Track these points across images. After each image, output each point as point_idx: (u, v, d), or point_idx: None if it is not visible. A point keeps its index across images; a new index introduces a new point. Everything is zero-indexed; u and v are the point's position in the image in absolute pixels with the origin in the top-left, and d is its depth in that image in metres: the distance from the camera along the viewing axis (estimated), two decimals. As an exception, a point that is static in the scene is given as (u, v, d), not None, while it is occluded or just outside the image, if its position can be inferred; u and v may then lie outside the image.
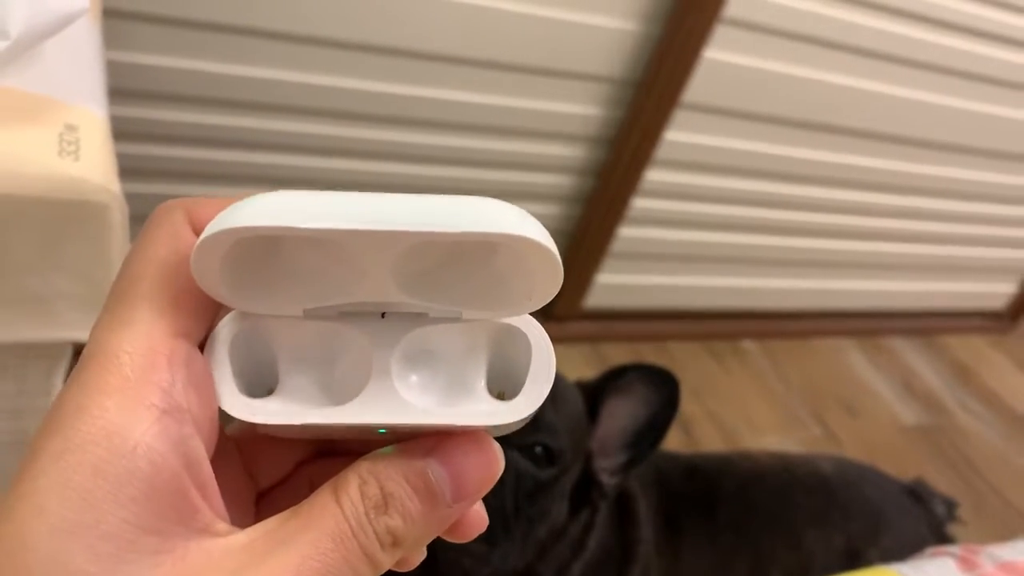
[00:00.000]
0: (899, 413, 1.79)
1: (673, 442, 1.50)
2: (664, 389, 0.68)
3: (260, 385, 0.28)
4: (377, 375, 0.27)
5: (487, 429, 0.28)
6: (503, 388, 0.29)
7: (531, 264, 0.26)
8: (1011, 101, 1.74)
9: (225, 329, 0.28)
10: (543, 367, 0.28)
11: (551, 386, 0.27)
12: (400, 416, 0.27)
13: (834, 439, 1.64)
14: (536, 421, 0.61)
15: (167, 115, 1.11)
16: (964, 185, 1.88)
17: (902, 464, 1.65)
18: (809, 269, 1.86)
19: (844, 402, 1.76)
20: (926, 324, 2.12)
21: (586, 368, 1.59)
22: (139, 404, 0.24)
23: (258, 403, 0.27)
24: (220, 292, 0.26)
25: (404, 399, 0.27)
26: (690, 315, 1.77)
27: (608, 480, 0.68)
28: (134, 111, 1.09)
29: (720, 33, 1.35)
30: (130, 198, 0.51)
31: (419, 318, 0.28)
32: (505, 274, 0.27)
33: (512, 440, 0.59)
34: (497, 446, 0.27)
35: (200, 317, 0.26)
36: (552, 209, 1.50)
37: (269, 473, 0.31)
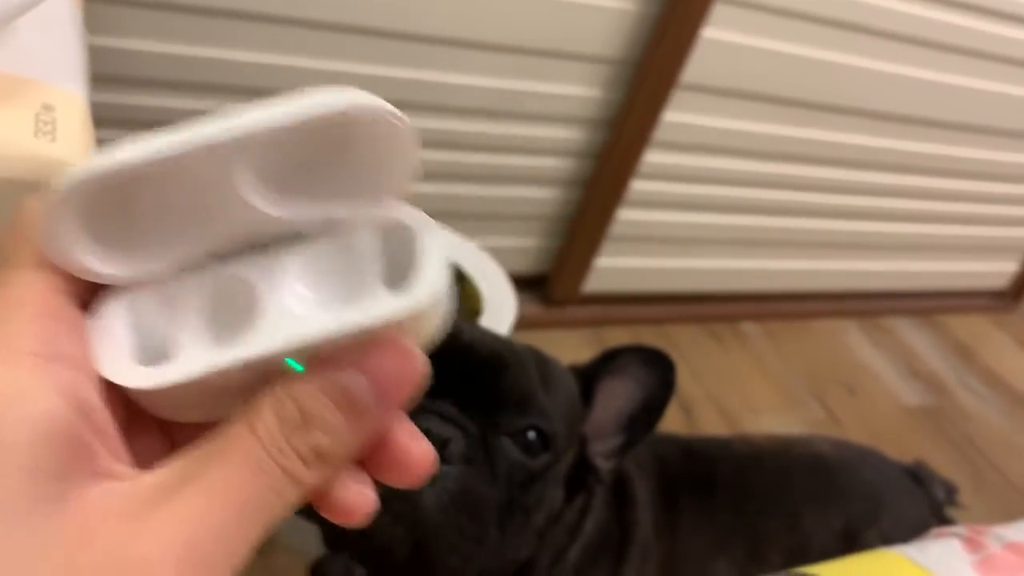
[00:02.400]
0: (900, 393, 1.77)
1: (673, 424, 1.49)
2: (659, 370, 0.66)
3: (156, 358, 0.26)
4: (267, 304, 0.26)
5: (403, 333, 0.26)
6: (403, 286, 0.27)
7: (384, 141, 0.25)
8: (1013, 78, 1.72)
9: (106, 299, 0.26)
10: (433, 251, 0.26)
11: (446, 270, 0.26)
12: (300, 335, 0.25)
13: (835, 420, 1.63)
14: (528, 405, 0.59)
15: (151, 101, 1.09)
16: (965, 163, 1.85)
17: (903, 444, 1.63)
18: (809, 250, 1.84)
19: (845, 383, 1.74)
20: (927, 304, 2.09)
21: (586, 352, 1.56)
22: (21, 353, 0.23)
23: (142, 369, 0.25)
24: (79, 261, 0.25)
25: (300, 317, 0.25)
26: (690, 298, 1.75)
27: (604, 464, 0.66)
28: (116, 97, 1.07)
29: (719, 12, 1.32)
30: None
31: (298, 238, 0.27)
32: (365, 162, 0.26)
33: (502, 427, 0.58)
34: (415, 348, 0.25)
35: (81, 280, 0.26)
36: (551, 193, 1.48)
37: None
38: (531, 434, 0.58)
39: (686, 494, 0.78)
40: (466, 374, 0.58)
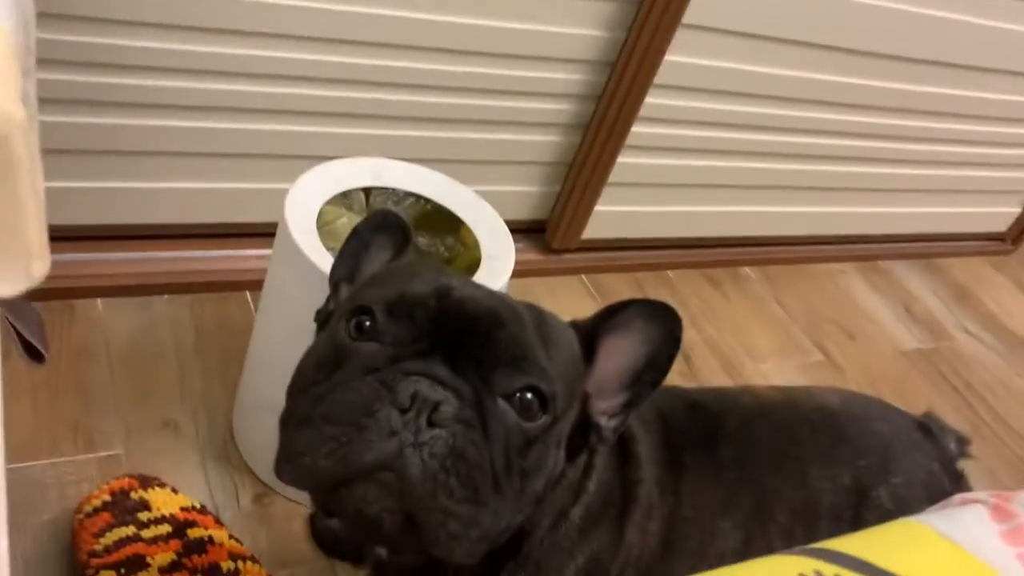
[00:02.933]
0: (899, 337, 1.75)
1: (672, 370, 1.46)
2: (665, 325, 0.62)
3: None
4: None
5: None
6: None
7: None
8: (1016, 16, 1.65)
9: None
10: None
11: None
12: None
13: (834, 364, 1.60)
14: (525, 364, 0.56)
15: (93, 38, 1.02)
16: (966, 105, 1.79)
17: (903, 389, 1.61)
18: (809, 194, 1.79)
19: (844, 327, 1.72)
20: (927, 248, 2.06)
21: (586, 299, 1.54)
22: None
23: None
24: None
25: None
26: (690, 243, 1.71)
27: (607, 423, 0.63)
28: (57, 34, 1.00)
29: (722, -53, 1.26)
30: (50, 128, 0.45)
31: None
32: None
33: (497, 387, 0.54)
34: None
35: None
36: (551, 137, 1.43)
37: None
38: (528, 395, 0.55)
39: (690, 450, 0.76)
40: (459, 333, 0.55)
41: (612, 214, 1.56)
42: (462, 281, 0.59)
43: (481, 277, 0.97)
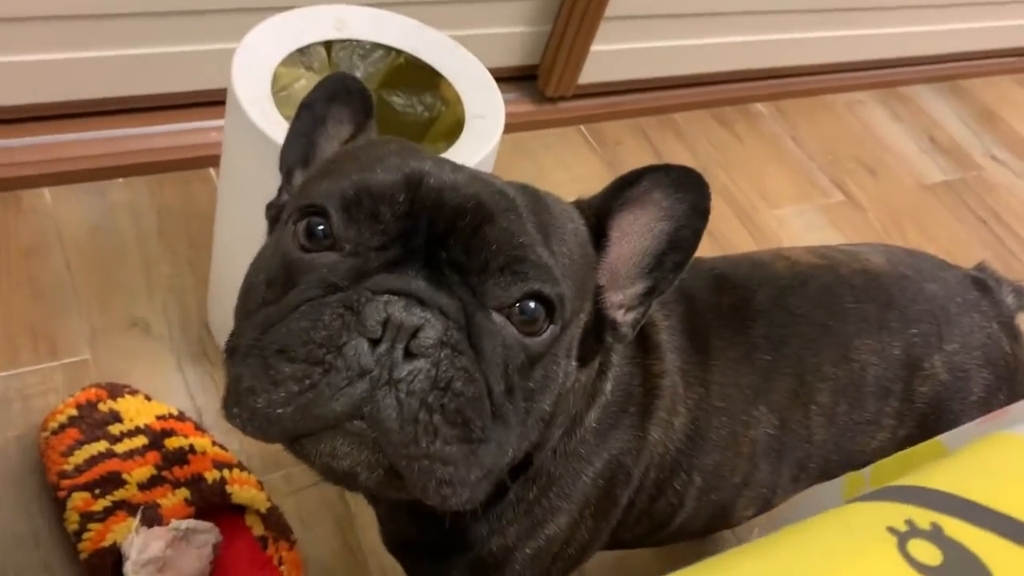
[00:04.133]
0: (923, 170, 1.61)
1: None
2: (689, 195, 0.49)
3: None
4: None
5: None
6: None
7: None
8: None
9: None
10: None
11: None
12: None
13: (855, 204, 1.48)
14: (523, 265, 0.43)
15: None
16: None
17: (928, 224, 1.49)
18: (821, 17, 1.60)
19: (864, 162, 1.57)
20: (949, 69, 1.88)
21: (586, 151, 1.39)
22: None
23: None
24: None
25: None
26: (696, 81, 1.55)
27: (624, 318, 0.52)
28: None
29: None
30: None
31: None
32: None
33: (491, 299, 0.43)
34: None
35: None
36: (536, -32, 1.24)
37: None
38: (531, 304, 0.43)
39: (718, 333, 0.64)
40: (439, 232, 0.42)
41: (611, 53, 1.39)
42: (437, 163, 0.46)
43: (467, 140, 0.84)
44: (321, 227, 0.43)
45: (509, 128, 1.34)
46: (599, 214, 0.51)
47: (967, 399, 0.68)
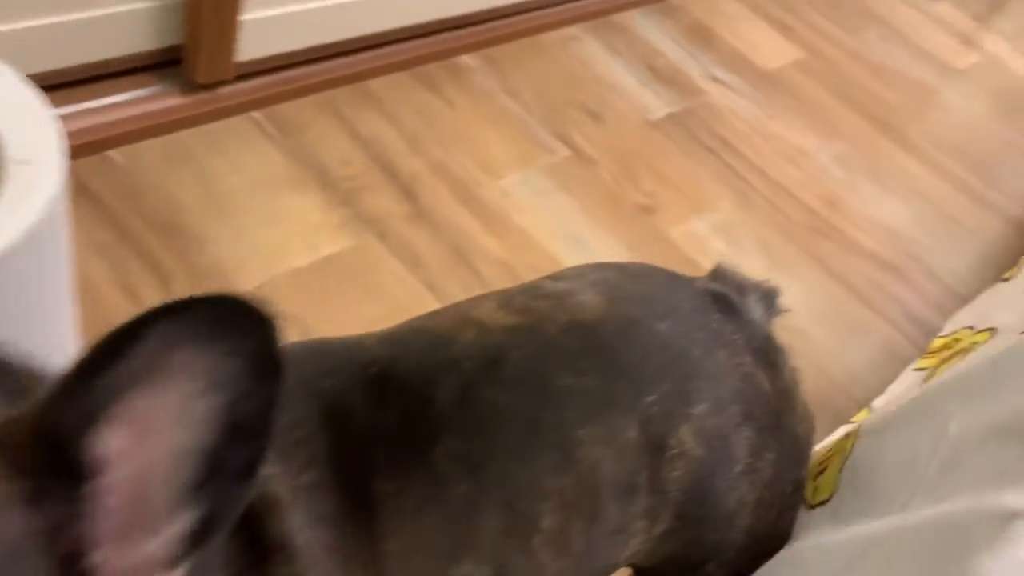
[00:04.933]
0: (647, 105, 1.48)
1: (395, 214, 1.12)
2: (238, 339, 0.27)
3: None
4: None
5: None
6: None
7: None
8: None
9: None
10: None
11: None
12: None
13: (583, 158, 1.32)
14: None
15: None
16: None
17: (660, 165, 1.37)
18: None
19: (587, 107, 1.42)
20: (659, -13, 1.76)
21: (265, 144, 1.12)
22: None
23: None
24: None
25: None
26: (388, 39, 1.31)
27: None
28: None
29: None
30: None
31: None
32: None
33: None
34: None
35: None
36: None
37: None
38: None
39: (387, 471, 0.44)
40: None
41: (270, 20, 1.12)
42: None
43: (7, 200, 0.56)
44: None
45: (156, 130, 1.05)
46: (55, 436, 0.27)
47: (731, 471, 0.52)
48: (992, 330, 0.82)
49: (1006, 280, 1.20)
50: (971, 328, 1.01)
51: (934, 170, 1.58)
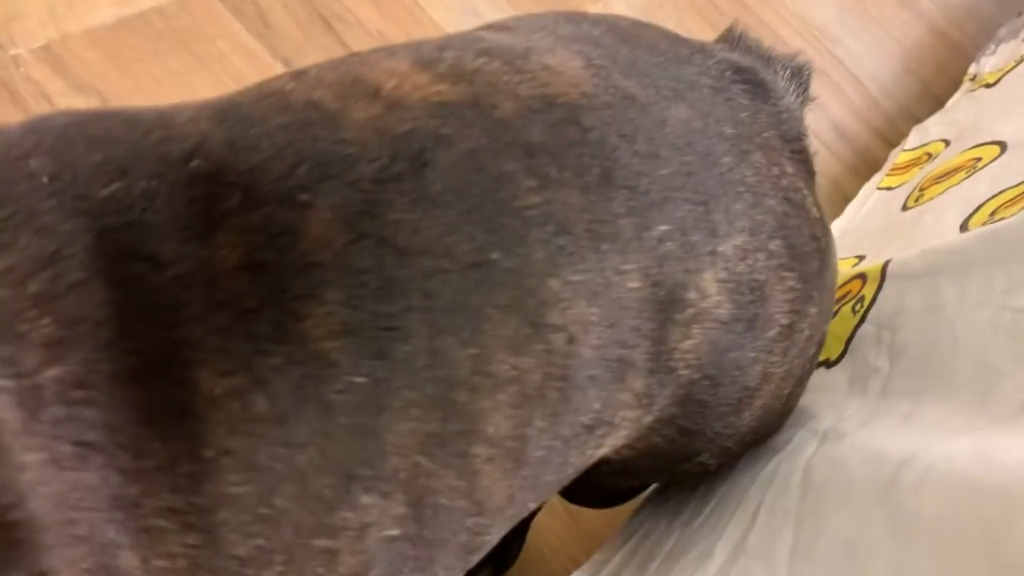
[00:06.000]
0: None
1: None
2: None
3: None
4: None
5: None
6: None
7: None
8: None
9: None
10: None
11: None
12: None
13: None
14: None
15: None
16: None
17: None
18: None
19: None
20: None
21: None
22: None
23: None
24: None
25: None
26: None
27: None
28: None
29: None
30: None
31: None
32: None
33: None
34: None
35: None
36: None
37: None
38: None
39: (213, 346, 0.24)
40: None
41: None
42: None
43: None
44: None
45: None
46: None
47: (762, 337, 0.34)
48: (1000, 144, 0.66)
49: (990, 86, 1.00)
50: (945, 141, 0.85)
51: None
